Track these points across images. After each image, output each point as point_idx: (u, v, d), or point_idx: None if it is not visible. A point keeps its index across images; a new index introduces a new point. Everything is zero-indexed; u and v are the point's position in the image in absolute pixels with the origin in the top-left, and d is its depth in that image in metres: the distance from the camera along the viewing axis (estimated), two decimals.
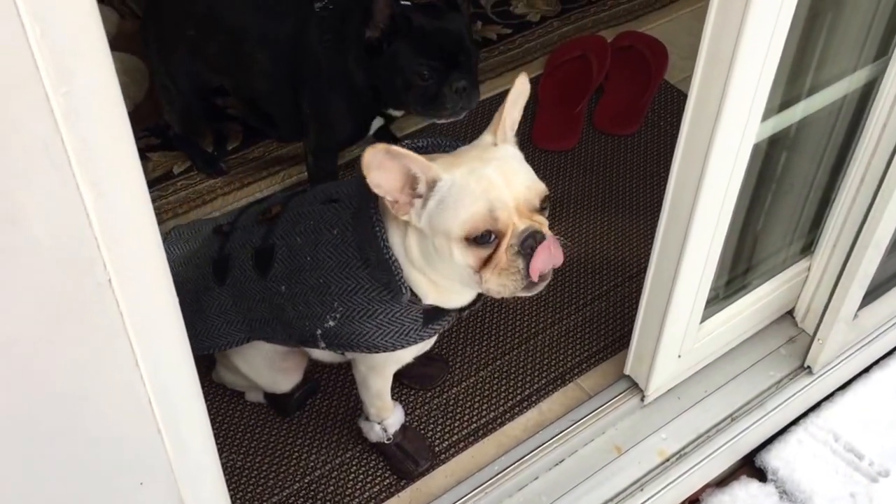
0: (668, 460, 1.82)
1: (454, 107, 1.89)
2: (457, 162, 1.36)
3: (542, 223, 1.36)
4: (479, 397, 1.86)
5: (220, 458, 1.73)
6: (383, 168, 1.30)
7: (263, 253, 1.57)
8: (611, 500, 1.75)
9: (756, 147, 1.56)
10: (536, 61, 2.55)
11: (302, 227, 1.53)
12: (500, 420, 1.83)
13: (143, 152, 2.29)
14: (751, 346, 1.98)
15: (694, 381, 1.92)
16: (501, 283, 1.36)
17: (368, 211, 1.40)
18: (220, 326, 1.63)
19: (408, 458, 1.74)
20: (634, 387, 1.87)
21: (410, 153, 1.30)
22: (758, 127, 1.50)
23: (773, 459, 1.98)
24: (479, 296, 1.53)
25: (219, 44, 2.04)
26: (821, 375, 1.96)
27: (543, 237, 1.34)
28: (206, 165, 2.23)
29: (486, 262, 1.35)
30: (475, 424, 1.82)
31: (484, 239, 1.33)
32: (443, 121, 1.95)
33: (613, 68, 2.49)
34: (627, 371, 1.87)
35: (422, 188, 1.34)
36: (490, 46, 2.59)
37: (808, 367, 1.95)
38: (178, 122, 2.20)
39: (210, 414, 1.79)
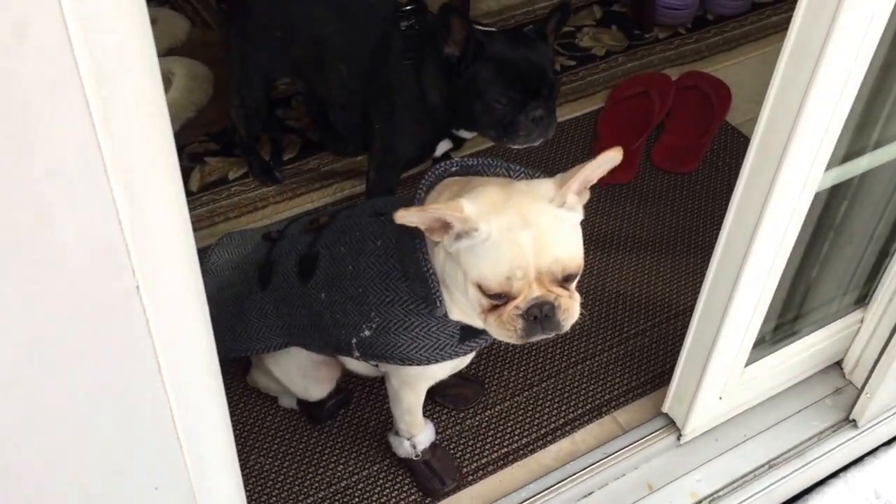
0: (699, 503, 1.78)
1: (528, 135, 1.88)
2: (499, 209, 1.32)
3: (558, 294, 1.35)
4: (511, 422, 1.84)
5: (249, 461, 1.75)
6: (417, 220, 1.31)
7: (307, 260, 1.58)
8: None
9: (817, 195, 1.53)
10: (598, 94, 2.55)
11: (347, 237, 1.54)
12: (531, 447, 1.80)
13: (202, 156, 2.33)
14: (795, 394, 1.93)
15: (733, 423, 1.88)
16: (498, 332, 1.38)
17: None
18: (259, 330, 1.64)
19: (435, 477, 1.72)
20: (671, 425, 1.83)
21: (445, 210, 1.29)
22: (821, 176, 1.47)
23: None
24: None
25: (303, 49, 2.06)
26: (866, 430, 1.90)
27: (552, 309, 1.34)
28: (262, 173, 2.26)
29: (493, 308, 1.36)
30: (506, 449, 1.80)
31: (496, 296, 1.34)
32: (516, 147, 1.94)
33: (676, 107, 2.47)
34: (666, 409, 1.83)
35: (456, 231, 1.33)
36: None
37: (854, 420, 1.89)
38: (245, 125, 2.23)
39: (242, 417, 1.82)
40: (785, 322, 1.84)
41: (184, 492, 1.08)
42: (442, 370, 1.57)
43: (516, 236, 1.30)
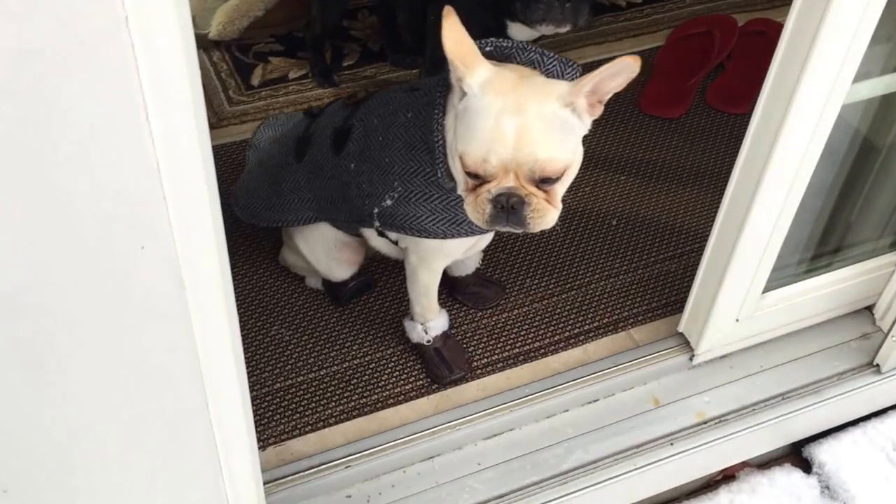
0: (705, 423, 1.78)
1: (550, 11, 1.87)
2: (502, 91, 1.35)
3: (532, 192, 1.37)
4: (526, 327, 1.87)
5: (271, 331, 1.82)
6: (452, 39, 1.33)
7: (341, 132, 1.63)
8: (638, 447, 1.72)
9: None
10: (661, 33, 2.54)
11: (381, 110, 1.58)
12: (542, 351, 1.83)
13: (266, 55, 2.40)
14: (820, 333, 1.91)
15: (750, 353, 1.87)
16: (471, 212, 1.42)
17: (436, 96, 1.44)
18: (291, 202, 1.71)
19: (443, 364, 1.76)
20: (686, 345, 1.83)
21: (464, 49, 1.33)
22: (848, 88, 1.46)
23: (823, 453, 1.91)
24: None
25: None
26: (889, 376, 1.88)
27: (520, 203, 1.37)
28: (321, 74, 2.33)
29: (473, 189, 1.40)
30: (517, 350, 1.83)
31: (473, 176, 1.38)
32: (545, 30, 1.93)
33: (739, 50, 2.45)
34: (681, 328, 1.83)
35: (458, 78, 1.35)
36: (617, 12, 2.59)
37: (878, 365, 1.87)
38: (321, 18, 2.29)
39: (269, 291, 1.89)
40: (813, 254, 1.83)
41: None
42: (458, 247, 1.61)
43: (503, 120, 1.33)
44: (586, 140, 1.44)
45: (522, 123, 1.33)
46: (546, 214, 1.40)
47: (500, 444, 1.72)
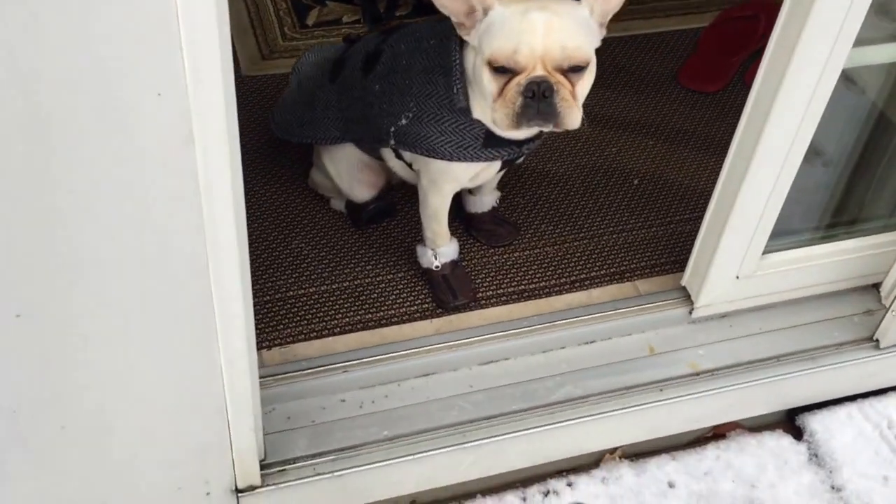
0: (697, 374, 1.82)
1: None
2: (523, 1, 1.48)
3: (559, 82, 1.47)
4: (535, 267, 1.94)
5: (291, 245, 1.92)
6: None
7: (372, 56, 1.73)
8: (627, 389, 1.78)
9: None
10: (709, 14, 2.57)
11: (410, 37, 1.68)
12: (547, 290, 1.90)
13: (324, 0, 2.52)
14: (823, 304, 1.94)
15: (751, 315, 1.91)
16: (500, 115, 1.51)
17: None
18: (321, 120, 1.81)
19: (449, 291, 1.84)
20: (687, 298, 1.88)
21: None
22: (848, 52, 1.50)
23: (815, 423, 1.94)
24: (539, 134, 1.65)
25: None
26: (888, 352, 1.90)
27: (550, 90, 1.46)
28: (372, 21, 2.43)
29: (501, 93, 1.50)
30: (522, 287, 1.90)
31: (502, 70, 1.48)
32: None
33: None
34: (684, 282, 1.88)
35: (479, 14, 1.49)
36: None
37: (877, 340, 1.89)
38: None
39: (295, 210, 2.00)
40: (820, 223, 1.86)
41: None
42: (464, 172, 1.69)
43: (530, 16, 1.46)
44: (622, 107, 1.53)
45: (549, 16, 1.46)
46: (572, 108, 1.50)
47: (494, 370, 1.79)
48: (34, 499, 1.45)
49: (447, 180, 1.72)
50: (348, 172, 1.87)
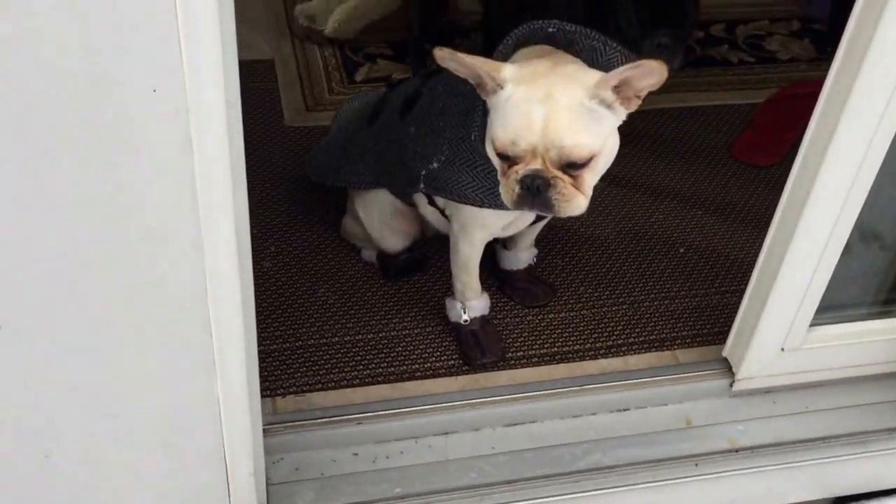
0: (736, 451, 1.71)
1: (644, 56, 1.91)
2: (537, 77, 1.42)
3: (558, 176, 1.42)
4: (570, 329, 1.85)
5: (317, 293, 1.87)
6: (452, 66, 1.42)
7: (411, 98, 1.70)
8: (659, 461, 1.67)
9: None
10: (767, 91, 2.51)
11: (449, 80, 1.60)
12: (581, 354, 1.81)
13: (375, 57, 2.52)
14: (876, 385, 1.81)
15: (798, 393, 1.79)
16: (503, 193, 1.47)
17: None
18: (357, 164, 1.78)
19: (477, 347, 1.76)
20: (728, 370, 1.77)
21: (476, 61, 1.41)
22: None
23: None
24: None
25: None
26: None
27: (545, 185, 1.42)
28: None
29: (505, 173, 1.46)
30: (556, 349, 1.81)
31: (503, 157, 1.44)
32: None
33: None
34: (725, 353, 1.78)
35: (490, 86, 1.44)
36: (726, 66, 2.59)
37: None
38: (419, 20, 2.40)
39: (324, 259, 1.96)
40: (875, 298, 1.76)
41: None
42: (495, 220, 1.63)
43: (531, 108, 1.41)
44: (673, 177, 1.45)
45: (550, 110, 1.40)
46: (572, 200, 1.44)
47: (518, 433, 1.70)
48: None
49: (479, 227, 1.66)
50: (380, 219, 1.83)
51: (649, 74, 1.40)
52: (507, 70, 1.43)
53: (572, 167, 1.42)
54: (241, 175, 1.13)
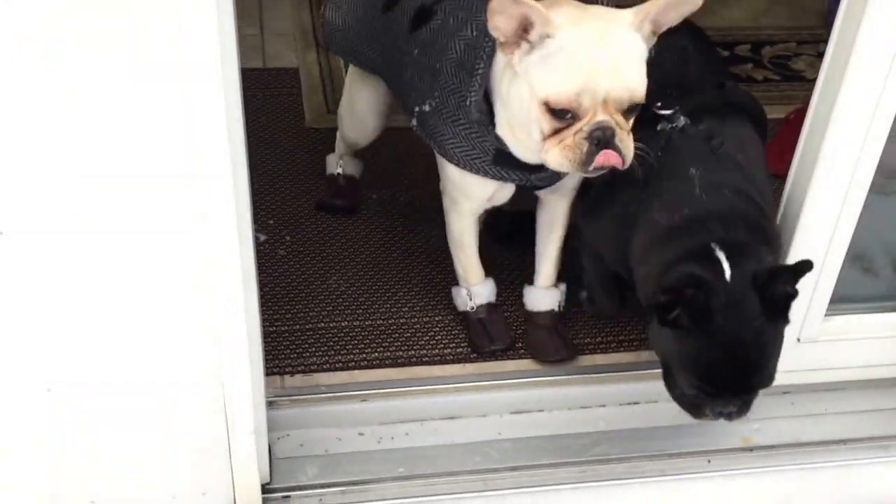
0: (750, 450, 1.66)
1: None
2: (582, 19, 1.36)
3: (620, 124, 1.37)
4: (581, 323, 1.82)
5: (329, 282, 1.86)
6: (506, 13, 1.33)
7: (425, 12, 1.61)
8: (670, 455, 1.63)
9: None
10: (790, 107, 2.49)
11: (462, 12, 1.56)
12: (593, 347, 1.78)
13: None
14: None
15: (816, 395, 1.75)
16: (560, 158, 1.39)
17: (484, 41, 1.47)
18: (365, 48, 1.74)
19: (485, 334, 1.74)
20: None
21: (533, 2, 1.32)
22: None
23: None
24: (555, 176, 1.55)
25: None
26: None
27: (614, 134, 1.36)
28: None
29: (555, 133, 1.38)
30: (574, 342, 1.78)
31: (561, 113, 1.36)
32: None
33: None
34: None
35: (534, 37, 1.35)
36: (751, 83, 2.58)
37: None
38: None
39: (337, 251, 1.93)
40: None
41: None
42: (479, 188, 1.59)
43: (592, 52, 1.34)
44: None
45: (612, 54, 1.34)
46: (630, 146, 1.39)
47: (526, 421, 1.67)
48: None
49: (463, 196, 1.62)
50: (366, 108, 1.86)
51: (685, 3, 1.36)
52: (555, 15, 1.35)
53: (631, 111, 1.38)
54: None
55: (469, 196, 1.62)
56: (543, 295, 1.77)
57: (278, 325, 1.76)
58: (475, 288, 1.74)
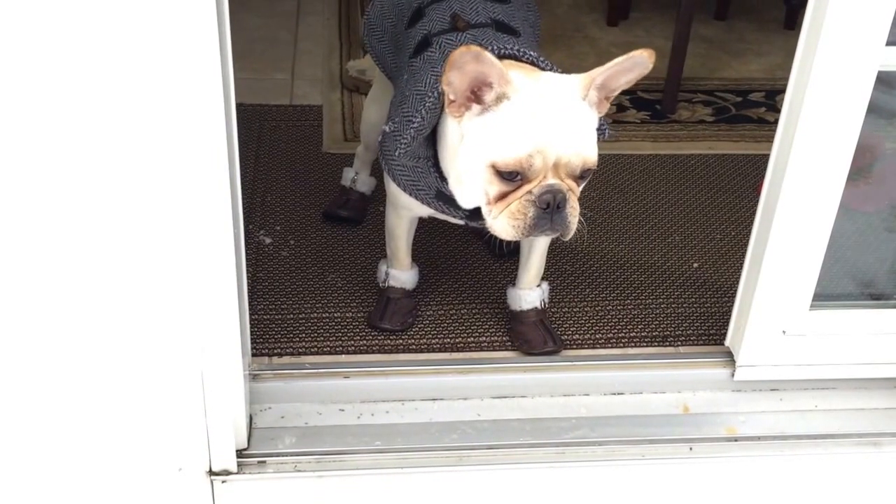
0: (735, 439, 1.64)
1: None
2: (534, 83, 1.36)
3: (571, 188, 1.36)
4: (570, 322, 1.85)
5: (327, 279, 1.92)
6: (464, 69, 1.32)
7: (426, 42, 1.61)
8: (651, 441, 1.62)
9: None
10: None
11: (448, 47, 1.55)
12: (580, 342, 1.80)
13: None
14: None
15: (807, 393, 1.73)
16: (503, 224, 1.38)
17: (431, 93, 1.47)
18: (391, 56, 1.76)
19: (381, 311, 1.79)
20: (730, 361, 1.72)
21: (498, 63, 1.32)
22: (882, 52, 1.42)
23: None
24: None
25: None
26: None
27: (564, 200, 1.34)
28: None
29: (502, 197, 1.37)
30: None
31: (510, 176, 1.35)
32: None
33: None
34: (728, 342, 1.73)
35: (489, 98, 1.35)
36: (762, 123, 2.60)
37: None
38: None
39: (338, 254, 2.00)
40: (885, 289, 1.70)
41: None
42: (417, 208, 1.63)
43: (545, 115, 1.33)
44: (695, 206, 1.60)
45: (565, 118, 1.34)
46: (576, 214, 1.38)
47: (507, 405, 1.68)
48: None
49: (398, 204, 1.67)
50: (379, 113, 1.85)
51: (634, 67, 1.35)
52: (516, 80, 1.34)
53: (582, 177, 1.37)
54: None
55: (407, 207, 1.66)
56: (527, 294, 1.79)
57: (272, 313, 1.82)
58: (394, 271, 1.78)
